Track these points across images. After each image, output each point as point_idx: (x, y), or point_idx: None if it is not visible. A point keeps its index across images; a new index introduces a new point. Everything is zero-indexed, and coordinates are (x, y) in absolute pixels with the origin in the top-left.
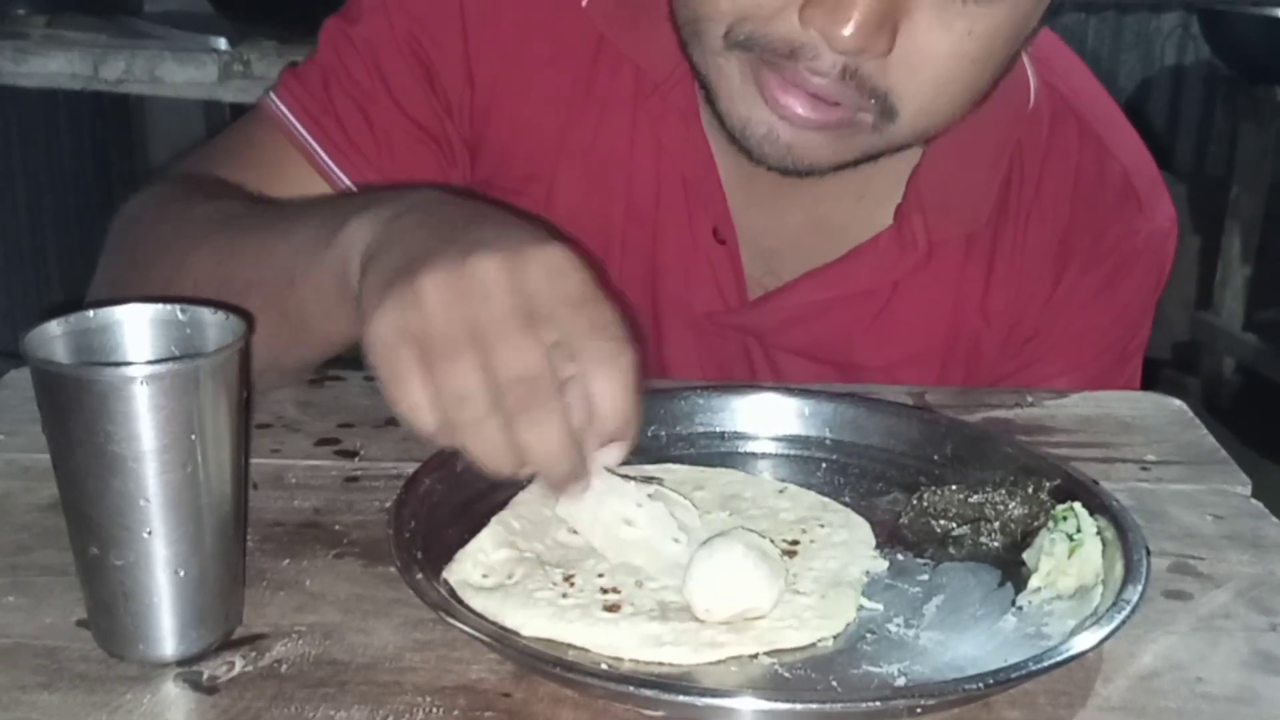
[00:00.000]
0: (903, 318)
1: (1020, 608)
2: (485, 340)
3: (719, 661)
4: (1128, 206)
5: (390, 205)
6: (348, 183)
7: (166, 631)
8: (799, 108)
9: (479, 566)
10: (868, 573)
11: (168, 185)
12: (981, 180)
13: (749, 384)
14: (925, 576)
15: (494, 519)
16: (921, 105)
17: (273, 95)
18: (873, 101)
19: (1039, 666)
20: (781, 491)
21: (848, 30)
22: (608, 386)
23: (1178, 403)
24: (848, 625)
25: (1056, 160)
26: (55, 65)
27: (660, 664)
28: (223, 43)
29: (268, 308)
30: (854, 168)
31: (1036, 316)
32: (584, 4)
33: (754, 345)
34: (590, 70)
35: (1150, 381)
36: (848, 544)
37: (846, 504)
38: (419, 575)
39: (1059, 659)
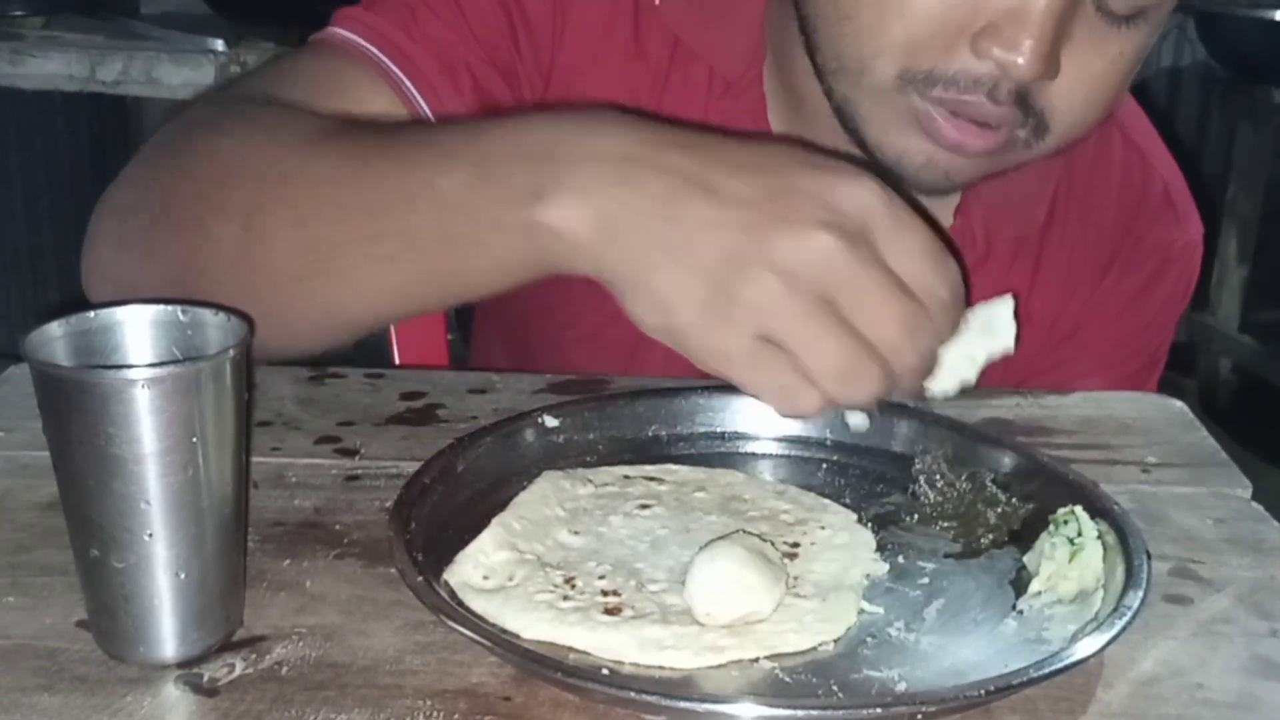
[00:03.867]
0: None
1: (1021, 612)
2: (859, 316)
3: (720, 665)
4: (1166, 215)
5: (588, 162)
6: (433, 119)
7: (167, 633)
8: (970, 139)
9: (479, 568)
10: (868, 576)
11: (227, 108)
12: (1035, 183)
13: None
14: (926, 580)
15: (494, 520)
16: (1072, 123)
17: (342, 31)
18: (1030, 120)
19: (1040, 673)
20: (782, 493)
21: (1024, 59)
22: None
23: (1179, 404)
24: (848, 629)
25: (1102, 167)
26: (52, 66)
27: (661, 667)
28: (219, 44)
29: (401, 260)
30: None
31: (1075, 316)
32: (657, 2)
33: None
34: (668, 67)
35: None
36: (848, 546)
37: (847, 505)
38: (419, 578)
39: (1060, 665)
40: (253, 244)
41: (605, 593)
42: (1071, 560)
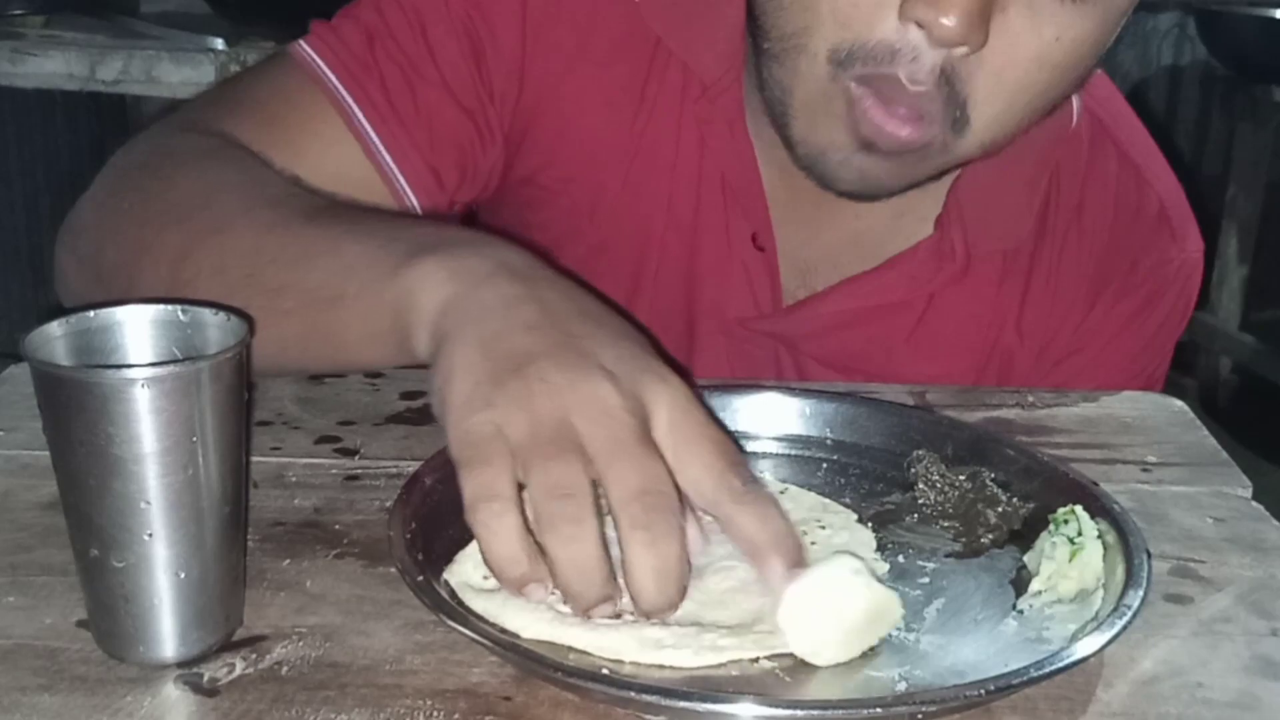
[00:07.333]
0: (937, 332)
1: (1021, 611)
2: (601, 455)
3: (719, 665)
4: (1162, 235)
5: (471, 255)
6: (382, 149)
7: (167, 633)
8: (891, 124)
9: (480, 567)
10: None
11: (186, 138)
12: (1021, 196)
13: (750, 383)
14: (925, 579)
15: None
16: (996, 112)
17: (305, 46)
18: (953, 110)
19: (1040, 673)
20: (782, 493)
21: (950, 20)
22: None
23: (1179, 404)
24: None
25: (1096, 185)
26: (52, 65)
27: (661, 667)
28: (219, 43)
29: (296, 315)
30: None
31: (1069, 339)
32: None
33: (784, 353)
34: (646, 71)
35: None
36: (848, 546)
37: (847, 505)
38: (420, 577)
39: (1061, 665)
40: (176, 288)
41: None
42: (1072, 560)
